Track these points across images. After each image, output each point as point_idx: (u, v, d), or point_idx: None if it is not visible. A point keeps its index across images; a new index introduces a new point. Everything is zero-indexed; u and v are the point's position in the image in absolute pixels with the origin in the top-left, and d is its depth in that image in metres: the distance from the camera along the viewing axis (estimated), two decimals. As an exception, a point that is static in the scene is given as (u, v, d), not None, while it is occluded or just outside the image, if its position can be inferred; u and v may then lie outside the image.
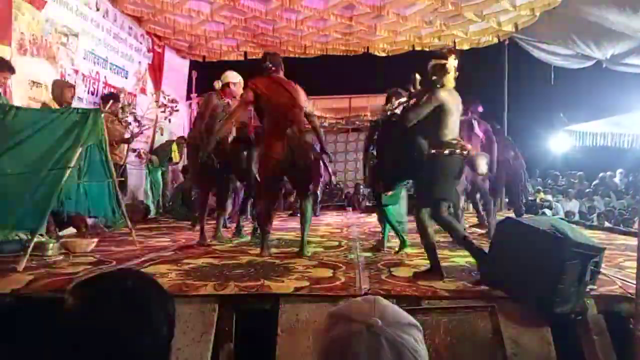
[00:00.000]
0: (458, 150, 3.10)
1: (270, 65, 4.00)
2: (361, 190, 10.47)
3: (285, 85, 3.97)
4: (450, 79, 3.18)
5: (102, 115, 3.86)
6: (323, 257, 3.93)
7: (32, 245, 3.31)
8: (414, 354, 0.80)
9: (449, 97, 3.15)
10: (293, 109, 3.92)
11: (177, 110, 8.01)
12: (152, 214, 7.60)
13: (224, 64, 9.58)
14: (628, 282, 2.71)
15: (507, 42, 8.55)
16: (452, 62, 3.17)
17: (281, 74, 4.05)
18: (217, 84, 4.89)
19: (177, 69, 9.41)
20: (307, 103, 4.14)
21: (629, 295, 2.44)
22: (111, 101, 4.76)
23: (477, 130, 5.14)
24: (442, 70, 3.17)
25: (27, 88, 5.15)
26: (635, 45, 6.62)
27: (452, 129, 3.15)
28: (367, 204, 9.69)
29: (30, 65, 5.22)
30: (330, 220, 7.61)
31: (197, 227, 5.04)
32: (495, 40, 8.46)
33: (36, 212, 3.36)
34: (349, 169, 13.08)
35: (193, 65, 9.64)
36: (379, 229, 4.74)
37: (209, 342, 2.48)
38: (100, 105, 4.54)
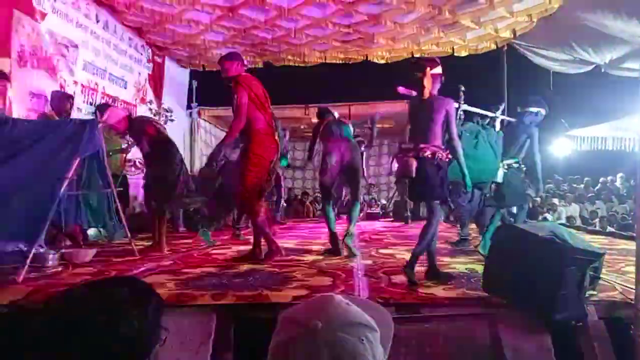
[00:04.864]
0: None
1: None
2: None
3: None
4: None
5: (100, 125, 3.87)
6: (323, 264, 3.92)
7: (31, 256, 3.31)
8: (355, 355, 0.76)
9: None
10: None
11: (172, 120, 8.00)
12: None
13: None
14: (628, 287, 2.69)
15: (505, 48, 8.56)
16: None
17: None
18: None
19: (177, 78, 9.46)
20: None
21: (629, 301, 2.42)
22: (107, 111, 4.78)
23: None
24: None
25: (27, 99, 5.18)
26: (632, 50, 6.63)
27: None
28: (368, 211, 9.71)
29: (31, 77, 5.25)
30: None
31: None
32: (494, 47, 8.48)
33: (34, 222, 3.36)
34: (350, 176, 13.05)
35: (193, 74, 9.68)
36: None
37: (207, 353, 2.47)
38: (97, 115, 4.55)
